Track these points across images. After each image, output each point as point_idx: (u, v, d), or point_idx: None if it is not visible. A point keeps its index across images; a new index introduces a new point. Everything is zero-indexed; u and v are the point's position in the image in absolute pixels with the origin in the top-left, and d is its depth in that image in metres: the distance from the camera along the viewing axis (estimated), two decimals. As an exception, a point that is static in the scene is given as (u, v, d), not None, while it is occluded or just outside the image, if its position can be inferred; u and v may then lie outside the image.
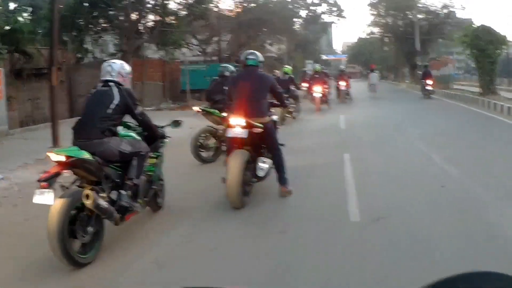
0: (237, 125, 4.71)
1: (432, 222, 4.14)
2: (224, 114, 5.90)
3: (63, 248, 3.08)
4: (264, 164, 5.03)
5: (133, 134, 4.05)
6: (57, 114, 8.65)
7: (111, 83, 3.75)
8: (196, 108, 7.11)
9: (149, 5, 16.46)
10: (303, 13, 33.21)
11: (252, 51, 5.40)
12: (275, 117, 6.13)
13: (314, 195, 5.22)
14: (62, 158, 3.28)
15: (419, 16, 32.33)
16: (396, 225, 4.08)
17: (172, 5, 16.79)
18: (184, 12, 17.09)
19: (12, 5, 14.74)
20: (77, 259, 3.20)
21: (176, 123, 4.66)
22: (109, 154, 3.61)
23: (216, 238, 3.93)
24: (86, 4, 14.86)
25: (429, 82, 18.91)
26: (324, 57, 52.57)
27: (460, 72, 42.19)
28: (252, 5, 24.72)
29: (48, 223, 3.09)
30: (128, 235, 3.94)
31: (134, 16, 15.77)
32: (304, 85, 17.56)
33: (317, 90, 14.59)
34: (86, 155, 3.39)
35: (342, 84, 18.01)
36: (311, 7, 33.44)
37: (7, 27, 11.57)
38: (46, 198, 3.18)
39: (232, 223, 4.32)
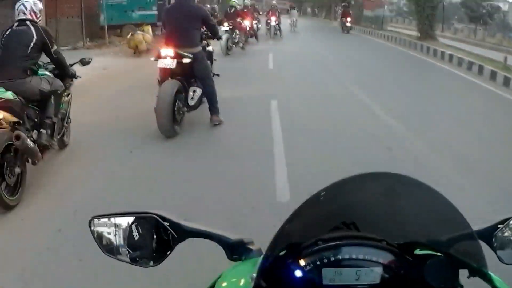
0: (166, 55, 4.85)
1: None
2: None
3: None
4: (195, 94, 5.19)
5: (47, 72, 4.05)
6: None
7: (27, 22, 3.73)
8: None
9: None
10: None
11: None
12: (210, 48, 6.09)
13: (241, 141, 4.95)
14: None
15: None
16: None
17: None
18: None
19: None
20: (6, 201, 3.17)
21: (83, 61, 4.60)
22: (31, 93, 3.64)
23: (146, 167, 4.13)
24: None
25: (349, 19, 23.05)
26: (257, -8, 52.12)
27: (392, 14, 42.57)
28: None
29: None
30: (48, 174, 3.93)
31: None
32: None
33: (245, 24, 14.72)
34: (10, 95, 3.38)
35: (272, 19, 18.41)
36: None
37: None
38: None
39: (162, 152, 4.50)
